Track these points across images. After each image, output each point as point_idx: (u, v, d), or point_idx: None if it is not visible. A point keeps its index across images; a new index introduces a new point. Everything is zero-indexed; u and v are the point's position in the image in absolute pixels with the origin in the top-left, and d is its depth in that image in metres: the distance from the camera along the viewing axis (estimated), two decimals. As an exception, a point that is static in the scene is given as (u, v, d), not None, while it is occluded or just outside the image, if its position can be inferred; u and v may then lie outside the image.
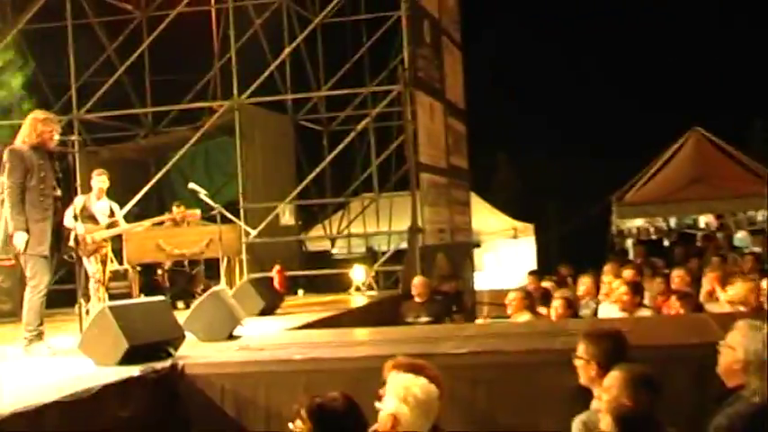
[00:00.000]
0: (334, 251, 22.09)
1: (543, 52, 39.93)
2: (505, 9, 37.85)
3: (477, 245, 25.45)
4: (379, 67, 21.83)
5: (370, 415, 5.26)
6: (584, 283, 13.60)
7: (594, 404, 5.72)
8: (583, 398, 6.02)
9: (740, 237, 25.34)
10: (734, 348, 5.46)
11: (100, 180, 12.69)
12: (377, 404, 5.19)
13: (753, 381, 5.34)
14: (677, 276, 13.12)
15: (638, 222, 26.70)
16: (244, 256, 15.93)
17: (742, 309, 10.52)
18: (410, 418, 5.05)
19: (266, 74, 18.98)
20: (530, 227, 28.64)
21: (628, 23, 41.81)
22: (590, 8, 41.18)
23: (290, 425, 4.37)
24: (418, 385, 5.17)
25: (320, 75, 22.45)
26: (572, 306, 11.74)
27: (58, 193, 9.66)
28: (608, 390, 5.33)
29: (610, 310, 11.62)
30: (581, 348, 6.05)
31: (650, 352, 7.36)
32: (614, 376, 5.36)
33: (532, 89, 38.98)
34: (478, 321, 18.03)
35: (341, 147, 19.91)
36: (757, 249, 20.09)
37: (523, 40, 39.78)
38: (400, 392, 5.11)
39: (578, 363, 6.04)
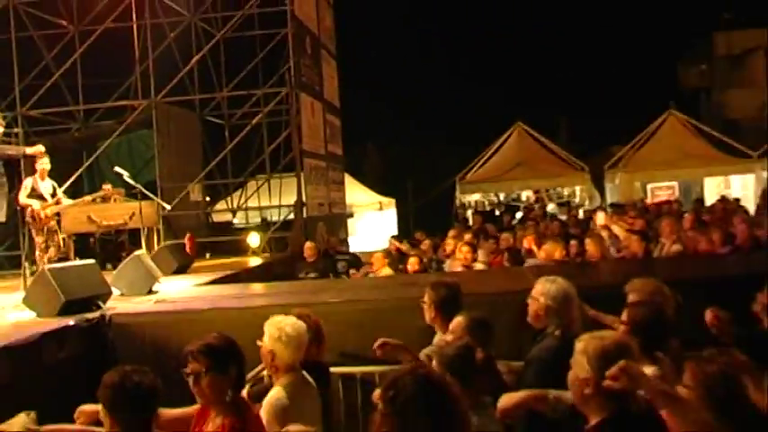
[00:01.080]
0: (235, 221, 21.88)
1: (404, 61, 40.39)
2: (376, 25, 38.10)
3: (350, 215, 25.51)
4: (271, 73, 21.70)
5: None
6: (426, 244, 13.83)
7: (436, 339, 5.82)
8: (429, 335, 6.12)
9: (551, 208, 25.88)
10: (537, 299, 5.64)
11: (42, 162, 12.24)
12: (258, 342, 5.12)
13: (553, 321, 5.54)
14: (504, 239, 13.42)
15: (476, 197, 27.03)
16: (161, 227, 15.71)
17: (551, 263, 10.85)
18: (284, 351, 5.05)
19: (178, 78, 18.84)
20: (392, 201, 28.80)
21: (467, 36, 42.84)
22: (441, 24, 42.14)
23: (184, 370, 4.31)
24: (289, 324, 5.12)
25: (222, 79, 22.19)
26: (423, 263, 11.90)
27: None
28: (453, 332, 5.42)
29: (454, 266, 11.81)
30: (426, 295, 6.15)
31: (484, 297, 7.52)
32: (457, 321, 5.44)
33: (395, 91, 39.33)
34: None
35: (239, 137, 19.92)
36: (563, 217, 20.53)
37: (390, 50, 40.13)
38: (274, 332, 5.08)
39: (424, 307, 6.14)
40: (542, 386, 4.93)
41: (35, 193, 12.03)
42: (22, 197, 11.50)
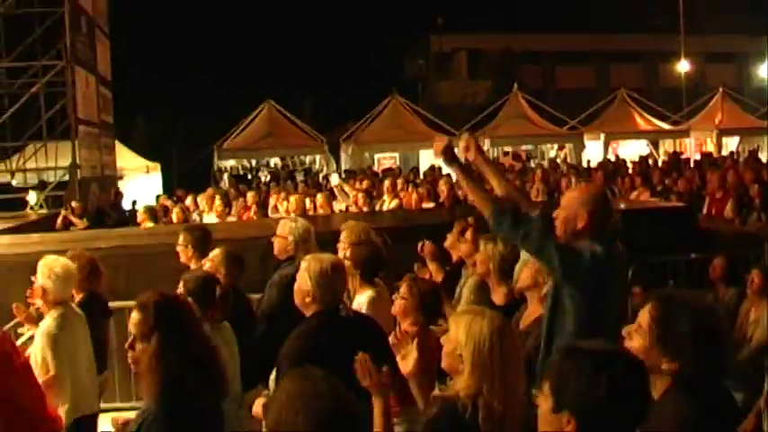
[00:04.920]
0: (14, 182, 20.51)
1: (170, 45, 39.50)
2: (148, 10, 37.07)
3: (121, 177, 24.75)
4: (49, 47, 20.37)
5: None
6: (189, 201, 13.71)
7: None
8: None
9: (299, 176, 26.22)
10: (285, 237, 5.91)
11: None
12: (32, 278, 5.10)
13: (298, 253, 5.81)
14: (251, 197, 13.50)
15: (232, 162, 26.99)
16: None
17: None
18: (54, 287, 5.03)
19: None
20: (158, 165, 27.99)
21: (229, 25, 42.83)
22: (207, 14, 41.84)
23: None
24: (59, 263, 5.11)
25: (2, 50, 20.56)
26: (185, 214, 11.82)
27: None
28: (211, 260, 5.52)
29: (211, 218, 11.83)
30: (181, 238, 6.20)
31: (234, 242, 7.72)
32: (215, 253, 5.57)
33: (162, 69, 38.41)
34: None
35: (18, 105, 18.65)
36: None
37: (159, 34, 39.07)
38: (45, 270, 5.04)
39: (179, 249, 6.20)
40: (282, 302, 5.19)
41: None
42: None
